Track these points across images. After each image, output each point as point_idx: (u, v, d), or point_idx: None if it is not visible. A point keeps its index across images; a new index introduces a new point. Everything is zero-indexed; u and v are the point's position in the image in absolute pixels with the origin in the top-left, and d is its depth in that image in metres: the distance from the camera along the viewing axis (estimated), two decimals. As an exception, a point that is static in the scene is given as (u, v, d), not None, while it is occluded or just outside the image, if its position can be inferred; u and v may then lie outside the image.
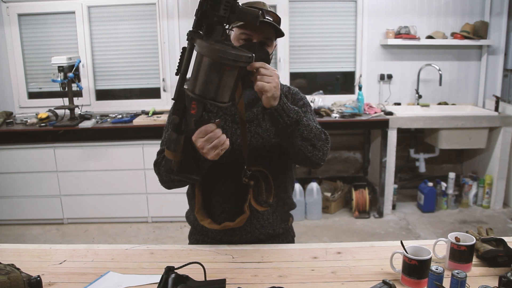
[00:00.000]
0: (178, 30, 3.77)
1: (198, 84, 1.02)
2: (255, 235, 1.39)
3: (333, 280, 1.14)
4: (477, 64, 3.95)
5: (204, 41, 1.01)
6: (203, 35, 1.03)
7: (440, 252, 1.23)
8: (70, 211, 3.57)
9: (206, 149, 1.09)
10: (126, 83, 3.95)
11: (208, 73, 1.01)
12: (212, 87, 1.02)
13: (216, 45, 1.00)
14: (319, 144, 1.25)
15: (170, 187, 1.34)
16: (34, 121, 3.43)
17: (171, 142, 1.10)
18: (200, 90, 1.02)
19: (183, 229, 3.46)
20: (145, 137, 3.40)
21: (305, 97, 1.46)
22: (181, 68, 1.08)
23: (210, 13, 1.01)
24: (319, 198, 3.63)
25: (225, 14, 1.02)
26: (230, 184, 1.35)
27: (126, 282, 1.14)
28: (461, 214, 3.69)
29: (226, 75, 1.02)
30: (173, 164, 1.11)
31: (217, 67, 1.00)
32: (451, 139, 3.57)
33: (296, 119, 1.20)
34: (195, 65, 1.03)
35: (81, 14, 3.72)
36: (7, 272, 1.01)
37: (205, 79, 1.01)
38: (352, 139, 4.12)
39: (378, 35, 3.85)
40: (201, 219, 1.35)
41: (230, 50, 1.01)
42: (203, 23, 1.03)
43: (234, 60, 1.00)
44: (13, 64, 3.81)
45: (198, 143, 1.08)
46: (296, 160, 1.33)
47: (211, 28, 1.03)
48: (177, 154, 1.10)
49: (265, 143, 1.36)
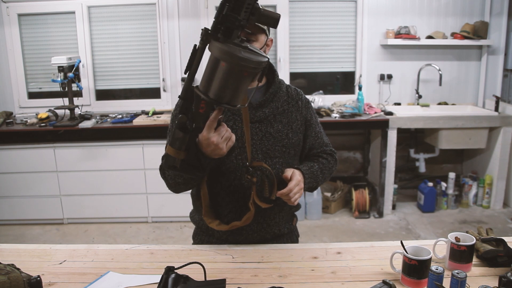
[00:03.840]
0: (178, 30, 3.77)
1: (214, 88, 1.01)
2: (261, 235, 1.40)
3: (333, 280, 1.14)
4: (477, 64, 3.95)
5: (223, 45, 0.98)
6: (220, 37, 1.00)
7: (440, 252, 1.23)
8: (70, 211, 3.57)
9: (220, 144, 1.11)
10: (126, 83, 3.95)
11: (226, 78, 0.99)
12: (229, 92, 1.01)
13: (236, 51, 0.98)
14: (331, 172, 1.54)
15: (178, 190, 1.34)
16: (34, 121, 3.43)
17: (177, 140, 1.09)
18: (216, 95, 1.01)
19: (183, 229, 3.46)
20: (145, 137, 3.40)
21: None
22: (191, 67, 1.07)
23: (231, 16, 0.99)
24: (319, 198, 3.63)
25: (246, 17, 1.00)
26: (237, 183, 1.35)
27: (126, 282, 1.14)
28: (461, 214, 3.69)
29: (243, 81, 1.02)
30: (176, 161, 1.11)
31: (235, 73, 0.99)
32: (451, 139, 3.57)
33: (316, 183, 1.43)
34: (210, 67, 1.01)
35: (81, 14, 3.72)
36: (7, 272, 1.01)
37: (222, 84, 1.00)
38: (352, 139, 4.12)
39: (378, 35, 3.85)
40: (209, 221, 1.35)
41: (251, 56, 0.99)
42: (222, 26, 1.01)
43: (254, 67, 0.99)
44: (13, 64, 3.81)
45: (213, 139, 1.10)
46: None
47: (230, 30, 1.01)
48: (181, 152, 1.10)
49: (277, 143, 1.37)
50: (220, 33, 1.00)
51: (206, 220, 1.35)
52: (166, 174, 1.31)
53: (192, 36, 3.79)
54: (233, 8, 0.99)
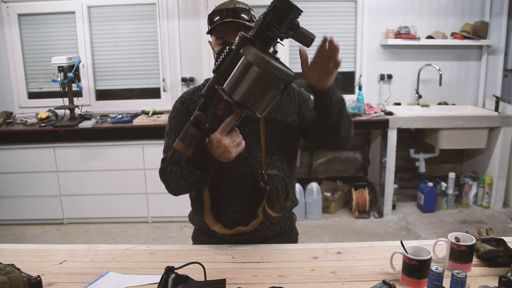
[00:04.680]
0: (178, 30, 3.77)
1: (240, 91, 1.01)
2: (263, 233, 1.41)
3: (333, 280, 1.14)
4: (477, 64, 3.94)
5: (260, 52, 0.99)
6: (258, 44, 1.02)
7: (440, 252, 1.23)
8: (70, 211, 3.57)
9: (230, 147, 1.10)
10: (126, 83, 3.95)
11: (255, 84, 1.00)
12: (253, 98, 1.02)
13: (271, 60, 0.99)
14: (351, 121, 1.34)
15: (178, 193, 1.34)
16: (34, 121, 3.43)
17: (188, 136, 1.10)
18: (241, 98, 1.02)
19: (183, 229, 3.46)
20: (145, 137, 3.40)
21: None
22: (221, 68, 1.08)
23: (274, 27, 1.01)
24: (319, 198, 3.63)
25: (285, 30, 1.02)
26: (243, 188, 1.36)
27: (126, 282, 1.14)
28: (461, 214, 3.69)
29: (270, 90, 1.03)
30: (182, 157, 1.11)
31: (265, 81, 1.00)
32: (451, 139, 3.57)
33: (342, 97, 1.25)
34: (240, 70, 1.02)
35: (81, 14, 3.72)
36: (7, 272, 1.01)
37: (250, 89, 1.01)
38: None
39: (378, 35, 3.85)
40: (211, 224, 1.34)
41: (283, 68, 1.01)
42: (262, 34, 1.03)
43: (283, 79, 1.01)
44: (13, 64, 3.81)
45: (225, 141, 1.09)
46: (334, 139, 1.32)
47: (268, 40, 1.03)
48: (189, 149, 1.10)
49: (275, 141, 1.37)
50: (259, 40, 1.03)
51: (208, 223, 1.34)
52: (168, 178, 1.31)
53: (192, 36, 3.79)
54: (276, 19, 1.01)
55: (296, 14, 1.02)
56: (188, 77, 3.82)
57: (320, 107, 1.24)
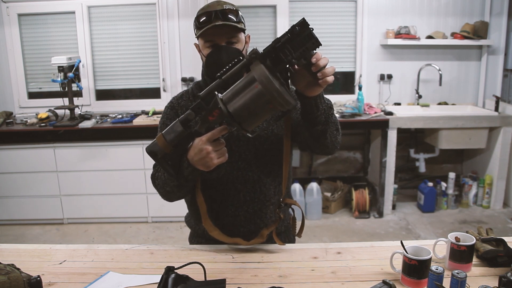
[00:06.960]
0: (178, 30, 3.77)
1: (235, 103, 1.00)
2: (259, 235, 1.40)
3: (333, 280, 1.14)
4: (477, 64, 3.94)
5: (267, 71, 0.98)
6: (268, 63, 1.00)
7: (440, 252, 1.23)
8: (70, 211, 3.57)
9: (212, 154, 1.08)
10: (126, 83, 3.95)
11: (252, 100, 0.99)
12: (246, 113, 1.00)
13: (275, 81, 0.98)
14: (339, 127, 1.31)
15: (171, 199, 1.32)
16: (34, 121, 3.44)
17: (173, 132, 1.09)
18: (234, 110, 1.00)
19: (183, 229, 3.46)
20: (145, 137, 3.40)
21: None
22: (226, 75, 1.05)
23: (288, 50, 1.00)
24: (319, 198, 3.63)
25: (297, 57, 1.01)
26: (230, 186, 1.35)
27: (126, 282, 1.14)
28: (461, 214, 3.69)
29: (265, 110, 1.01)
30: (160, 151, 1.11)
31: (262, 101, 0.99)
32: (451, 139, 3.57)
33: (330, 104, 1.22)
34: (243, 84, 1.00)
35: (81, 14, 3.72)
36: (7, 272, 1.01)
37: (246, 104, 0.99)
38: (352, 139, 4.12)
39: (378, 35, 3.85)
40: (210, 230, 1.31)
41: (284, 93, 0.99)
42: (274, 53, 1.01)
43: (280, 104, 0.99)
44: (13, 64, 3.81)
45: (208, 148, 1.07)
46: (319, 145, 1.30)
47: (278, 61, 1.01)
48: (169, 146, 1.10)
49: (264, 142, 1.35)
50: (269, 60, 1.01)
51: (207, 228, 1.32)
52: (156, 183, 1.30)
53: (192, 36, 3.73)
54: (292, 42, 0.99)
55: (314, 45, 1.00)
56: (188, 77, 3.82)
57: (307, 115, 1.20)
